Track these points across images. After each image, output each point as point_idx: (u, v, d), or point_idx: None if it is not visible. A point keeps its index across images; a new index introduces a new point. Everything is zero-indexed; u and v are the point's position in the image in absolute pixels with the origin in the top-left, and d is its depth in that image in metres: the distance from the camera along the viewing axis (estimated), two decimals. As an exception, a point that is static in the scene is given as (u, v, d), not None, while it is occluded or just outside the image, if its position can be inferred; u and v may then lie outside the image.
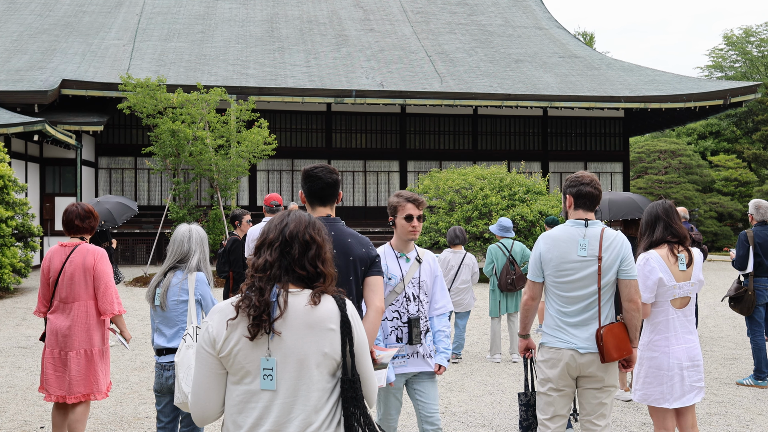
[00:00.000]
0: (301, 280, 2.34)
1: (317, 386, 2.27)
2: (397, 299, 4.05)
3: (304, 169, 3.59)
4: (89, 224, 5.10)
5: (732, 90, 24.77)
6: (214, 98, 18.30)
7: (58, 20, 26.73)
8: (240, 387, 2.29)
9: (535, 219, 17.07)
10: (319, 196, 3.53)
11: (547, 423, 3.98)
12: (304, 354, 2.26)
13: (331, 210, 3.57)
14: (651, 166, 32.71)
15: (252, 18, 28.71)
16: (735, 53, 44.52)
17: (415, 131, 26.81)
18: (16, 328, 10.84)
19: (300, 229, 2.36)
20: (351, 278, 3.42)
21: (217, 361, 2.31)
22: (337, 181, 3.56)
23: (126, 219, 10.06)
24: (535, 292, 4.04)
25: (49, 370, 4.89)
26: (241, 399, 2.29)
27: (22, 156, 20.37)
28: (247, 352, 2.26)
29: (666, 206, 4.30)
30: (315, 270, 2.34)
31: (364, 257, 3.45)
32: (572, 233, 3.92)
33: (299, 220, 2.39)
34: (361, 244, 3.48)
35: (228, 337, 2.27)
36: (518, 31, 30.20)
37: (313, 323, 2.28)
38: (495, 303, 8.66)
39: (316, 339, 2.27)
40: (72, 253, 4.90)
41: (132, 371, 7.97)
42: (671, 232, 4.23)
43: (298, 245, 2.34)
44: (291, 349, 2.26)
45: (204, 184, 22.79)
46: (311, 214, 2.45)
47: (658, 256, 4.18)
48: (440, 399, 6.80)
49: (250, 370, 2.27)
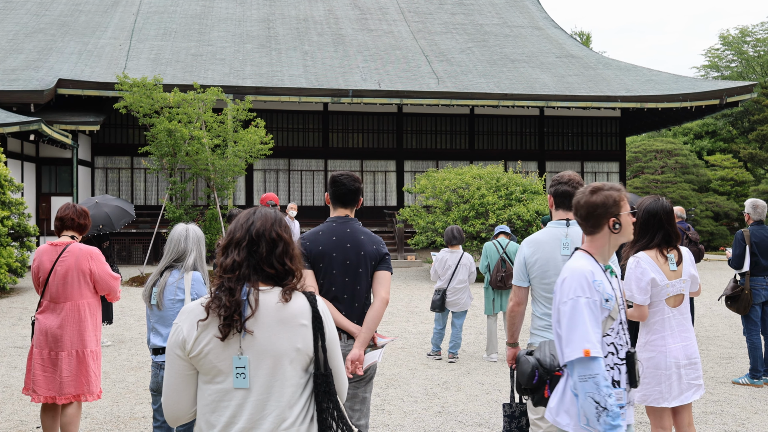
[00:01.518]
0: (270, 278, 2.33)
1: (291, 382, 2.28)
2: (612, 327, 3.03)
3: (332, 174, 3.99)
4: (83, 222, 5.06)
5: (728, 90, 24.82)
6: (211, 98, 18.28)
7: (54, 19, 26.68)
8: (212, 386, 2.29)
9: (532, 218, 17.09)
10: (341, 200, 3.95)
11: (538, 422, 3.97)
12: (277, 350, 2.27)
13: (351, 212, 3.98)
14: (647, 165, 32.75)
15: (249, 17, 28.69)
16: (731, 53, 44.61)
17: (412, 131, 26.81)
18: (12, 328, 10.82)
19: (267, 227, 2.35)
20: (361, 270, 3.82)
21: (187, 362, 2.31)
22: (358, 188, 3.97)
23: (123, 224, 10.08)
24: (521, 297, 4.04)
25: (38, 371, 4.82)
26: (213, 398, 2.29)
27: (18, 155, 20.33)
28: (218, 351, 2.26)
29: (668, 210, 4.25)
30: (283, 267, 2.33)
31: (374, 253, 3.86)
32: (554, 234, 3.95)
33: (265, 218, 2.37)
34: (372, 242, 3.89)
35: (198, 338, 2.27)
36: (515, 30, 30.22)
37: (285, 320, 2.28)
38: (489, 301, 8.68)
39: (289, 335, 2.28)
40: (63, 253, 4.84)
41: (128, 371, 7.96)
42: (668, 240, 4.23)
43: (265, 243, 2.32)
44: (264, 346, 2.26)
45: (201, 184, 22.76)
46: (278, 212, 2.47)
47: (648, 257, 4.18)
48: (436, 398, 6.81)
49: (222, 369, 2.26)
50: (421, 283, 17.19)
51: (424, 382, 7.44)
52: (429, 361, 8.55)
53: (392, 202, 26.47)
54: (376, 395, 6.83)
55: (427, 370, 8.06)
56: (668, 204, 4.30)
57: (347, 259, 3.82)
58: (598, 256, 3.00)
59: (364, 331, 3.76)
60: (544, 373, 3.04)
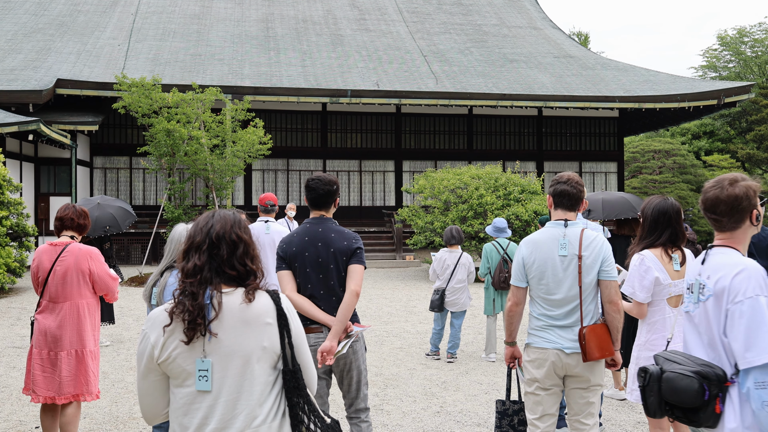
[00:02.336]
0: (232, 279, 2.35)
1: (259, 380, 2.31)
2: None
3: (307, 178, 4.21)
4: (83, 222, 5.05)
5: (726, 90, 24.86)
6: (210, 98, 18.28)
7: (53, 19, 26.67)
8: (182, 390, 2.32)
9: (530, 218, 17.11)
10: (314, 204, 4.17)
11: (537, 423, 3.97)
12: (243, 350, 2.30)
13: (327, 212, 4.17)
14: (645, 165, 32.79)
15: (247, 17, 28.69)
16: (729, 53, 44.65)
17: (411, 131, 26.83)
18: (10, 328, 10.82)
19: (226, 229, 2.37)
20: (332, 267, 4.00)
21: (156, 367, 2.34)
22: (330, 191, 4.13)
23: (128, 225, 10.10)
24: (519, 298, 4.04)
25: (37, 371, 4.81)
26: (185, 401, 2.31)
27: (17, 156, 20.32)
28: (185, 355, 2.29)
29: (677, 209, 4.28)
30: (245, 268, 2.36)
31: (344, 249, 4.02)
32: (552, 234, 3.94)
33: (224, 220, 2.40)
34: (343, 238, 4.05)
35: (165, 344, 2.30)
36: (513, 31, 30.25)
37: (249, 320, 2.31)
38: (489, 301, 8.68)
39: (255, 335, 2.31)
40: (63, 253, 4.84)
41: (127, 371, 7.96)
42: (674, 240, 4.26)
43: (225, 246, 2.35)
44: (230, 347, 2.29)
45: (199, 184, 22.76)
46: (236, 213, 2.52)
47: (653, 255, 4.20)
48: (435, 398, 6.83)
49: (191, 372, 2.29)
50: (419, 283, 17.21)
51: (423, 382, 7.45)
52: (428, 361, 8.56)
53: (391, 202, 26.49)
54: (374, 395, 6.84)
55: (425, 370, 8.07)
56: (677, 204, 4.35)
57: (319, 257, 4.02)
58: (743, 252, 2.73)
59: (336, 323, 3.93)
60: (714, 387, 2.60)
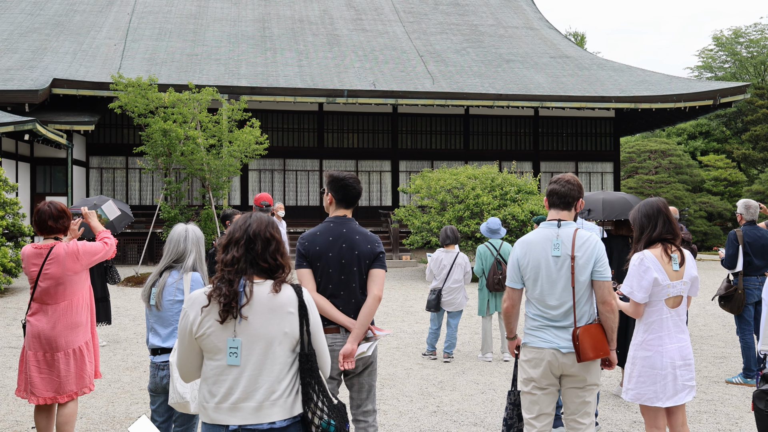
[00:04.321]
0: (264, 271, 2.76)
1: (279, 360, 2.70)
2: None
3: (335, 174, 4.08)
4: (63, 224, 4.90)
5: (721, 90, 24.92)
6: (206, 98, 18.26)
7: (49, 19, 26.61)
8: (213, 362, 2.72)
9: (527, 219, 17.14)
10: (348, 202, 4.09)
11: (533, 422, 3.98)
12: (268, 334, 2.69)
13: (350, 212, 4.13)
14: (641, 166, 32.85)
15: (244, 17, 28.67)
16: (724, 54, 44.78)
17: (407, 131, 26.84)
18: (6, 328, 10.80)
19: (262, 228, 2.79)
20: (355, 269, 3.98)
21: (194, 341, 2.74)
22: (360, 191, 4.13)
23: (124, 226, 10.10)
24: (514, 299, 4.06)
25: (34, 373, 4.75)
26: (214, 372, 2.71)
27: (13, 155, 20.28)
28: (218, 333, 2.69)
29: (663, 201, 4.34)
30: (275, 262, 2.77)
31: (368, 252, 4.00)
32: (546, 234, 3.96)
33: (260, 221, 2.81)
34: (367, 241, 4.03)
35: (202, 321, 2.70)
36: (509, 31, 30.28)
37: (275, 308, 2.71)
38: (483, 302, 8.69)
39: (278, 321, 2.70)
40: (48, 257, 4.72)
41: (124, 371, 7.96)
42: (669, 228, 4.27)
43: (260, 242, 2.76)
44: (257, 330, 2.68)
45: (196, 184, 22.74)
46: (270, 216, 2.90)
47: (653, 255, 4.20)
48: (431, 398, 6.84)
49: (221, 348, 2.70)
50: (416, 283, 17.22)
51: (420, 382, 7.46)
52: (424, 360, 8.57)
53: (387, 202, 26.49)
54: (372, 395, 6.85)
55: (422, 369, 8.08)
56: (662, 198, 4.38)
57: (342, 258, 3.97)
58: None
59: (357, 327, 3.93)
60: None
